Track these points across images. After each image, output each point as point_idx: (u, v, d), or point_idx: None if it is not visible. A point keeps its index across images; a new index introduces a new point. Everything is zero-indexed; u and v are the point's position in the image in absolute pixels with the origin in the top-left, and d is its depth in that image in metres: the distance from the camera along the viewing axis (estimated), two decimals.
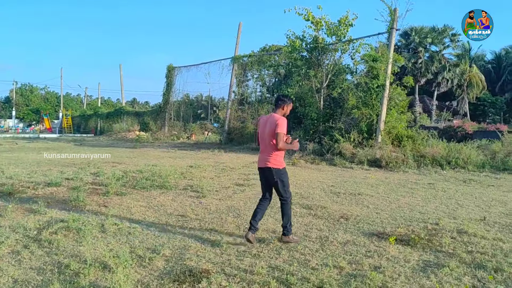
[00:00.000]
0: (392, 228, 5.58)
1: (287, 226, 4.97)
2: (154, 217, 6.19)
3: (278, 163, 4.91)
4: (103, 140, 29.35)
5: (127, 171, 10.74)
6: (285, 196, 4.96)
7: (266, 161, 4.91)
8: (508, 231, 5.58)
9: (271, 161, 4.89)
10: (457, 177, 11.17)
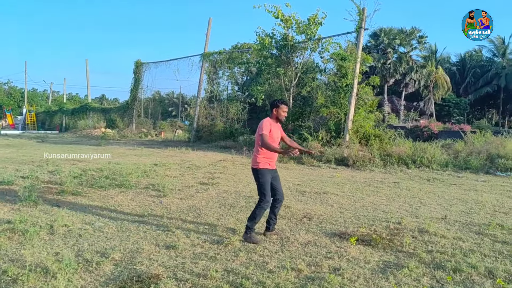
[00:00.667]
0: (355, 228, 5.49)
1: (248, 225, 4.84)
2: (109, 218, 5.88)
3: (256, 163, 4.90)
4: (67, 137, 28.34)
5: (86, 169, 10.29)
6: (260, 198, 4.89)
7: (252, 161, 5.02)
8: (467, 230, 5.59)
9: (252, 161, 4.99)
10: (422, 175, 11.30)
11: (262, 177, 4.83)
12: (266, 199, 4.82)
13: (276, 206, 5.03)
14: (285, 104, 4.96)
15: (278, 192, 5.00)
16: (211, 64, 24.99)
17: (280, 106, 4.87)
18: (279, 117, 4.93)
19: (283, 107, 4.89)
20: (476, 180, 10.67)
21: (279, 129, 5.04)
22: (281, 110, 4.89)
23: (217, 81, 26.77)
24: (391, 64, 43.20)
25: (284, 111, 4.93)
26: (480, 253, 4.57)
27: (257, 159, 4.86)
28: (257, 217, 4.83)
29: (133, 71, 28.94)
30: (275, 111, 4.90)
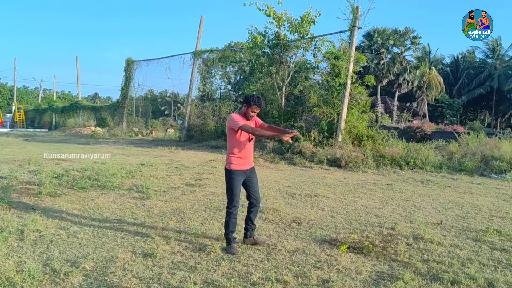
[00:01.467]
0: (346, 234, 5.19)
1: (225, 236, 4.54)
2: (86, 221, 5.54)
3: (227, 162, 4.54)
4: (56, 136, 27.82)
5: (69, 169, 9.91)
6: (227, 202, 4.53)
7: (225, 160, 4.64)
8: (464, 237, 5.32)
9: (226, 160, 4.60)
10: (415, 177, 11.05)
11: (231, 179, 4.45)
12: (232, 203, 4.45)
13: (251, 210, 4.63)
14: (258, 105, 4.40)
15: (252, 196, 4.58)
16: (204, 63, 24.62)
17: (252, 106, 4.38)
18: (246, 116, 4.45)
19: (254, 108, 4.40)
20: (471, 183, 10.44)
21: (251, 123, 4.55)
22: (250, 110, 4.40)
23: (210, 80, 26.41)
24: (385, 64, 43.14)
25: (254, 112, 4.43)
26: (478, 262, 4.29)
27: (230, 159, 4.48)
28: (228, 225, 4.47)
29: (124, 69, 28.46)
30: (245, 107, 4.45)
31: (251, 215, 4.63)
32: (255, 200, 4.60)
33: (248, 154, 4.52)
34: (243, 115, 4.47)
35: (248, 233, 4.66)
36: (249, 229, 4.65)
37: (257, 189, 4.66)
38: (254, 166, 4.71)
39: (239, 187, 4.48)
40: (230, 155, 4.48)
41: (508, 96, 47.96)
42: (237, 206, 4.48)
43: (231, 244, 4.46)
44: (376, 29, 43.30)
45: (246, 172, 4.52)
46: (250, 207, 4.62)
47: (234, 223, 4.52)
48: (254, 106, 4.41)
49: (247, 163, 4.54)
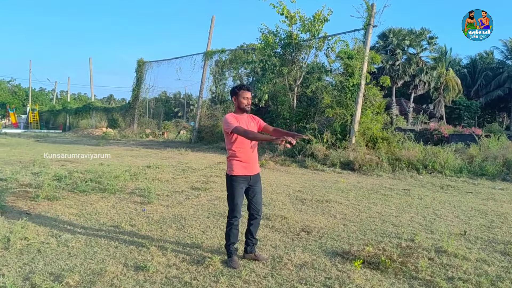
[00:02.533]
0: (360, 246, 4.73)
1: (225, 248, 4.13)
2: (81, 228, 5.18)
3: (228, 167, 4.09)
4: (68, 137, 27.82)
5: (73, 171, 9.61)
6: (228, 212, 4.10)
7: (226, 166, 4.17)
8: (491, 249, 4.81)
9: (227, 165, 4.14)
10: (434, 182, 10.49)
11: (231, 186, 4.01)
12: (233, 213, 4.01)
13: (251, 223, 4.15)
14: (245, 89, 3.99)
15: (252, 206, 4.10)
16: (216, 64, 24.35)
17: (239, 93, 3.97)
18: (241, 107, 4.02)
19: (243, 93, 3.97)
20: (493, 188, 9.84)
21: (251, 122, 4.11)
22: (241, 97, 3.98)
23: (223, 82, 26.13)
24: (400, 65, 42.31)
25: (246, 98, 3.99)
26: (510, 281, 3.80)
27: (230, 164, 4.02)
28: (229, 237, 4.05)
29: (135, 70, 28.32)
30: (235, 100, 4.04)
31: (252, 228, 4.16)
32: (255, 211, 4.12)
33: (251, 158, 4.05)
34: (238, 111, 4.05)
35: (249, 248, 4.19)
36: (250, 244, 4.18)
37: (260, 199, 4.16)
38: (259, 172, 4.21)
39: (241, 195, 4.02)
40: (231, 159, 4.03)
41: None
42: (238, 216, 4.04)
43: (232, 257, 4.04)
44: (392, 29, 42.52)
45: (250, 178, 4.05)
46: (250, 219, 4.16)
47: (236, 234, 4.09)
48: (243, 92, 3.99)
49: (251, 168, 4.06)
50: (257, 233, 4.24)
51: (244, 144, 3.99)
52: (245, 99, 4.00)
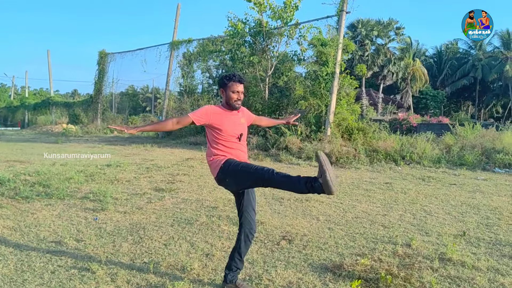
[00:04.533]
0: (352, 257, 4.01)
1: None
2: (14, 246, 4.23)
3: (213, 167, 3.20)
4: (25, 134, 26.03)
5: (20, 173, 8.51)
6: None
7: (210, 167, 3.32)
8: (499, 254, 4.20)
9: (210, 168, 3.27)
10: (414, 174, 9.98)
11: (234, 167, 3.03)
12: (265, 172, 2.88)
13: (241, 238, 3.22)
14: (236, 80, 3.16)
15: (245, 216, 3.22)
16: (184, 56, 23.26)
17: (228, 85, 3.16)
18: (229, 103, 3.19)
19: (232, 86, 3.15)
20: (476, 179, 9.42)
21: (238, 121, 3.26)
22: (229, 91, 3.16)
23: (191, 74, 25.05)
24: (369, 56, 42.33)
25: (236, 91, 3.15)
26: None
27: (214, 163, 3.15)
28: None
29: (97, 62, 26.74)
30: (222, 93, 3.22)
31: (242, 247, 3.22)
32: (249, 224, 3.22)
33: (239, 153, 3.21)
34: (226, 106, 3.22)
35: (230, 275, 3.24)
36: (233, 269, 3.25)
37: (254, 208, 3.31)
38: None
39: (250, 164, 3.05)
40: (214, 158, 3.16)
41: (491, 87, 47.76)
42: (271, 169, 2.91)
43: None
44: (360, 20, 42.45)
45: None
46: (241, 234, 3.23)
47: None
48: (233, 84, 3.15)
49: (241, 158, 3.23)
50: (245, 255, 3.32)
51: (228, 142, 3.16)
52: (235, 93, 3.17)
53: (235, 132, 3.19)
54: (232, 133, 3.17)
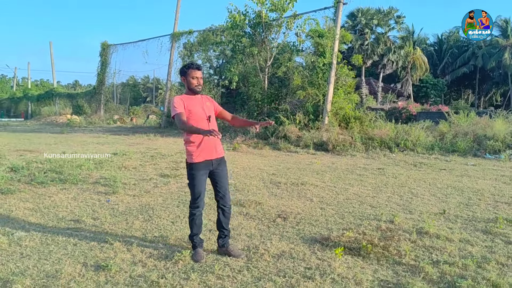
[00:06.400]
0: (339, 231, 4.49)
1: (189, 237, 3.82)
2: (37, 224, 4.73)
3: (186, 155, 3.72)
4: (30, 125, 26.54)
5: (32, 161, 8.99)
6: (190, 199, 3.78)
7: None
8: (473, 228, 4.68)
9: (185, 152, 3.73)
10: (407, 160, 10.45)
11: (191, 175, 3.65)
12: (195, 203, 3.68)
13: (219, 212, 3.79)
14: (194, 68, 3.57)
15: (219, 194, 3.76)
16: (184, 47, 23.62)
17: (188, 72, 3.56)
18: (190, 87, 3.59)
19: (191, 73, 3.55)
20: (466, 164, 9.88)
21: (206, 102, 3.70)
22: (189, 77, 3.55)
23: None
24: (369, 45, 42.40)
25: (195, 77, 3.56)
26: (496, 262, 3.64)
27: (188, 151, 3.64)
28: (192, 228, 3.73)
29: (100, 54, 27.15)
30: (184, 80, 3.62)
31: (222, 219, 3.79)
32: (222, 201, 3.77)
33: (212, 141, 3.61)
34: (189, 92, 3.63)
35: (221, 241, 3.80)
36: (222, 236, 3.80)
37: (226, 185, 3.79)
38: (224, 155, 3.82)
39: (203, 184, 3.66)
40: (187, 146, 3.63)
41: (491, 75, 47.94)
42: (201, 207, 3.70)
43: (196, 249, 3.73)
44: (360, 8, 42.49)
45: (212, 163, 3.67)
46: (218, 207, 3.80)
47: (199, 224, 3.75)
48: (191, 71, 3.57)
49: (212, 152, 3.65)
50: (229, 224, 3.89)
51: (202, 123, 3.57)
52: (195, 79, 3.58)
53: (204, 114, 3.59)
54: (201, 114, 3.57)
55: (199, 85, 3.61)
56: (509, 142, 11.67)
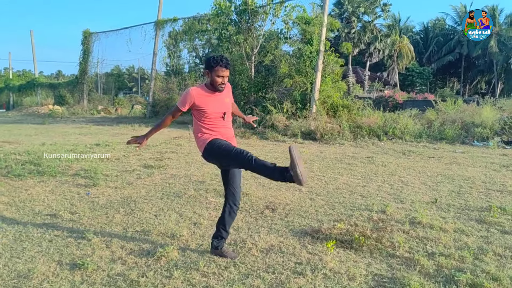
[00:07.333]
0: (330, 223, 4.32)
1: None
2: (11, 219, 4.45)
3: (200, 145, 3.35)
4: (11, 116, 25.83)
5: (10, 152, 8.63)
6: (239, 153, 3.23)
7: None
8: (466, 218, 4.55)
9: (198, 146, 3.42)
10: (396, 148, 10.34)
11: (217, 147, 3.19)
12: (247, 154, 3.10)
13: (227, 212, 3.41)
14: (223, 66, 3.19)
15: (230, 189, 3.41)
16: (170, 36, 23.11)
17: (215, 68, 3.19)
18: (213, 84, 3.24)
19: (218, 70, 3.19)
20: (454, 152, 9.81)
21: (223, 100, 3.36)
22: (215, 75, 3.20)
23: (177, 54, 24.92)
24: (356, 33, 42.25)
25: (221, 76, 3.21)
26: (493, 253, 3.51)
27: (200, 140, 3.31)
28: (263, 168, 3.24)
29: (82, 42, 26.37)
30: (207, 75, 3.25)
31: (226, 217, 3.41)
32: (233, 196, 3.41)
33: (225, 133, 3.33)
34: (209, 87, 3.29)
35: (215, 242, 3.46)
36: (218, 237, 3.46)
37: (239, 181, 3.47)
38: None
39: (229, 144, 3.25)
40: (201, 135, 3.30)
41: (476, 63, 48.29)
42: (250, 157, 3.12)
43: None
44: None
45: None
46: (226, 205, 3.43)
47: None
48: (219, 68, 3.20)
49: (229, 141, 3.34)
50: (230, 226, 3.52)
51: (213, 121, 3.29)
52: (220, 78, 3.24)
53: (219, 111, 3.32)
54: (216, 113, 3.29)
55: (223, 84, 3.27)
56: (497, 129, 11.65)
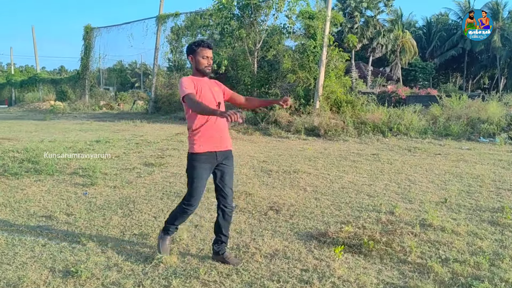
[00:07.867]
0: (337, 225, 4.14)
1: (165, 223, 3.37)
2: (5, 221, 4.29)
3: (189, 144, 3.19)
4: (13, 112, 25.71)
5: (8, 150, 8.47)
6: (185, 196, 3.23)
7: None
8: (478, 219, 4.36)
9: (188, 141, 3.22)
10: (401, 145, 10.13)
11: (192, 167, 3.12)
12: (189, 201, 3.14)
13: (220, 216, 3.22)
14: (205, 46, 3.11)
15: (221, 193, 3.20)
16: (172, 31, 22.89)
17: (197, 50, 3.09)
18: (199, 68, 3.12)
19: (202, 51, 3.09)
20: (461, 148, 9.61)
21: (215, 87, 3.23)
22: (199, 56, 3.09)
23: (180, 49, 24.70)
24: (358, 28, 41.92)
25: (205, 56, 3.10)
26: (510, 259, 3.32)
27: (191, 139, 3.15)
28: (175, 220, 3.28)
29: (83, 37, 26.16)
30: (192, 60, 3.13)
31: (221, 221, 3.23)
32: (223, 198, 3.21)
33: (218, 130, 3.15)
34: (197, 73, 3.15)
35: (216, 247, 3.27)
36: (219, 242, 3.26)
37: (230, 183, 3.25)
38: (231, 149, 3.30)
39: (203, 179, 3.14)
40: (190, 133, 3.16)
41: (479, 58, 47.87)
42: (194, 206, 3.17)
43: (165, 238, 3.33)
44: None
45: (216, 156, 3.15)
46: (219, 209, 3.24)
47: (184, 219, 3.34)
48: (202, 49, 3.10)
49: (219, 143, 3.16)
50: (229, 229, 3.37)
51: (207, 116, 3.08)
52: (205, 59, 3.12)
53: (213, 98, 3.14)
54: (211, 99, 3.11)
55: (209, 65, 3.14)
56: (503, 125, 11.42)
